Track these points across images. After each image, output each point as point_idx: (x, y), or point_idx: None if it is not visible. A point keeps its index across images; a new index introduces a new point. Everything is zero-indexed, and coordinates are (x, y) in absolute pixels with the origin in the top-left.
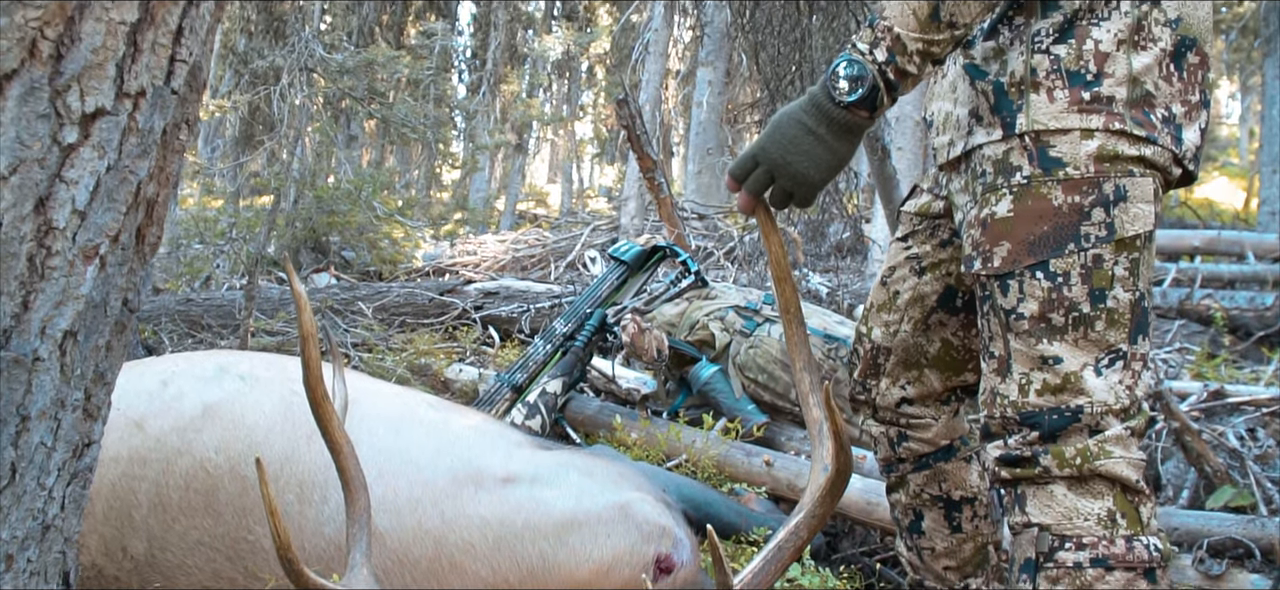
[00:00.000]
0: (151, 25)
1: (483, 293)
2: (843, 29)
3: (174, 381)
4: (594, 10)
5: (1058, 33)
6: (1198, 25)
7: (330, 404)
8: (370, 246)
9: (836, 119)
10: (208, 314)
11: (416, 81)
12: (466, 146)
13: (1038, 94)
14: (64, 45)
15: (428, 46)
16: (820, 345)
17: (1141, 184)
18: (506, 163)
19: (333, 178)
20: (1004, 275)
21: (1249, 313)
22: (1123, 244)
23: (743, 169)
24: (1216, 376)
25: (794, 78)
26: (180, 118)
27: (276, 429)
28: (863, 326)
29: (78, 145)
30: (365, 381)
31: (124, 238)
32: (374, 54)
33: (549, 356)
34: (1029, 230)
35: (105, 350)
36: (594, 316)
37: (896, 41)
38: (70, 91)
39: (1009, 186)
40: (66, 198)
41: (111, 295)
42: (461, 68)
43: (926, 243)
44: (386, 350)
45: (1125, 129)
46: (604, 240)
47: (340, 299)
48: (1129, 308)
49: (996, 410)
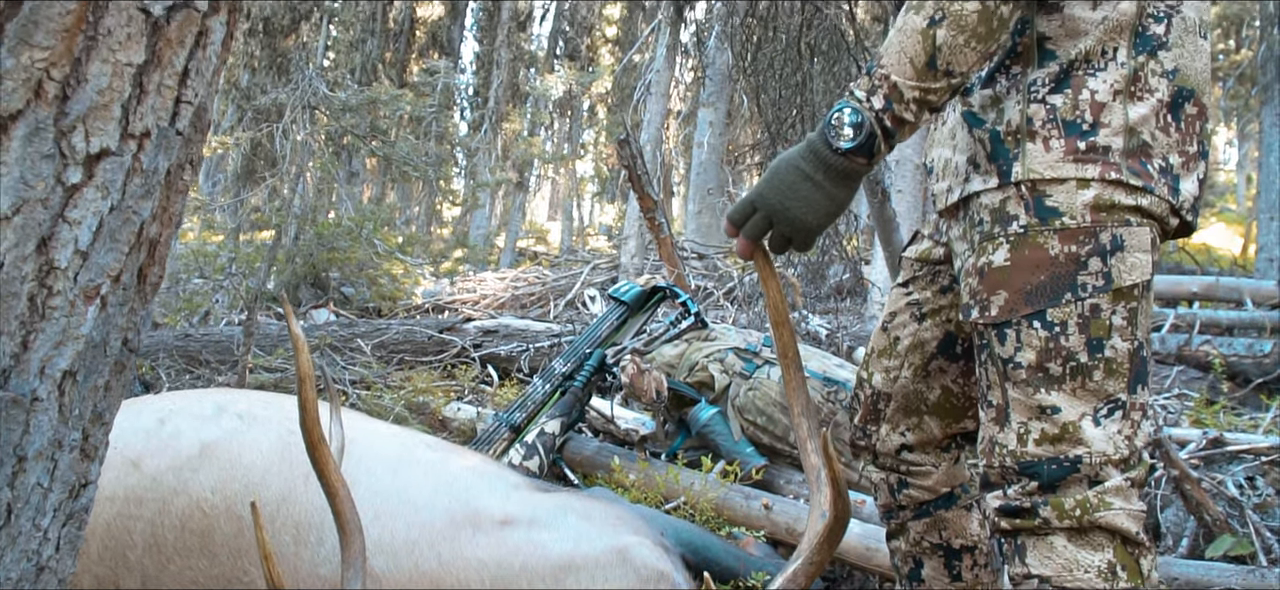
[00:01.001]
0: (158, 67)
1: (482, 331)
2: (843, 73)
3: (171, 420)
4: (596, 50)
5: (1054, 82)
6: (1196, 76)
7: (326, 446)
8: (370, 283)
9: (834, 165)
10: (206, 350)
11: (419, 119)
12: (467, 183)
13: (1034, 143)
14: (70, 86)
15: (430, 84)
16: (820, 388)
17: (1138, 233)
18: (507, 200)
19: (333, 214)
20: (1001, 324)
21: (1247, 359)
22: (1120, 293)
23: (741, 214)
24: (1215, 424)
25: (795, 121)
26: (184, 158)
27: (273, 469)
28: (864, 372)
29: (81, 186)
30: (364, 421)
31: (126, 278)
32: (377, 92)
33: (548, 396)
34: (1026, 279)
35: (104, 390)
36: (593, 357)
37: (893, 89)
38: (75, 132)
39: (1006, 235)
40: (69, 238)
41: (112, 335)
42: (464, 105)
43: (927, 289)
44: (384, 388)
45: (1122, 179)
46: (604, 279)
47: (339, 336)
48: (1127, 357)
49: (995, 459)
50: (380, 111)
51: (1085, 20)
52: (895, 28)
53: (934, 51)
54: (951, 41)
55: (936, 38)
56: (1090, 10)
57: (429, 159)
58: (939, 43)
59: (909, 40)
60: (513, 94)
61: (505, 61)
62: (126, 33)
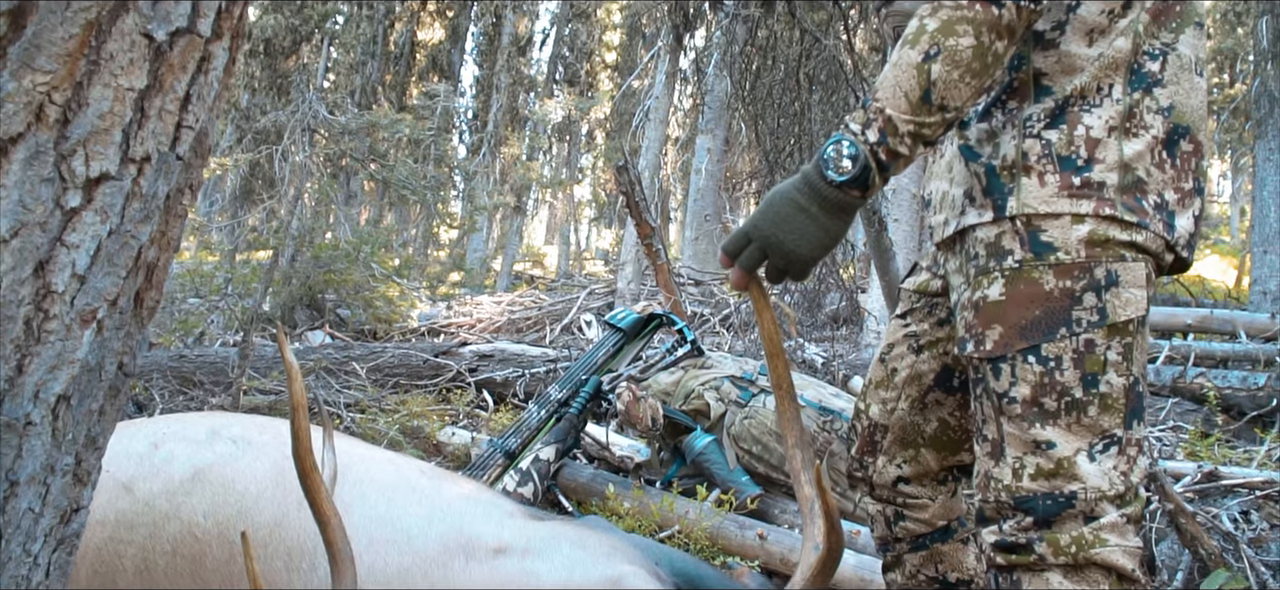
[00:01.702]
0: (160, 92)
1: (478, 355)
2: (841, 103)
3: (165, 444)
4: (595, 75)
5: (1049, 118)
6: (1191, 113)
7: (319, 475)
8: (366, 305)
9: (829, 197)
10: (200, 371)
11: (417, 142)
12: (465, 207)
13: (1029, 178)
14: (71, 110)
15: (430, 107)
16: (816, 417)
17: (1133, 269)
18: (505, 223)
19: (330, 235)
20: (996, 359)
21: (1242, 392)
22: (1115, 329)
23: (736, 245)
24: (1210, 456)
25: (793, 150)
26: (184, 183)
27: (267, 494)
28: (861, 403)
29: (81, 209)
30: (359, 447)
31: (123, 302)
32: (377, 116)
33: (543, 422)
34: (1021, 314)
35: (98, 415)
36: (589, 383)
37: (888, 123)
38: (75, 156)
39: (1001, 270)
40: (67, 262)
41: (107, 359)
42: (462, 129)
43: (924, 321)
44: (379, 412)
45: (1116, 215)
46: (600, 304)
47: (334, 359)
48: (1123, 393)
49: (991, 494)
50: (379, 134)
51: (1081, 57)
52: (890, 62)
53: (929, 86)
54: (946, 77)
55: (931, 72)
56: (1086, 47)
57: (427, 182)
58: (934, 77)
59: (904, 75)
60: (512, 118)
61: (505, 86)
62: (129, 57)
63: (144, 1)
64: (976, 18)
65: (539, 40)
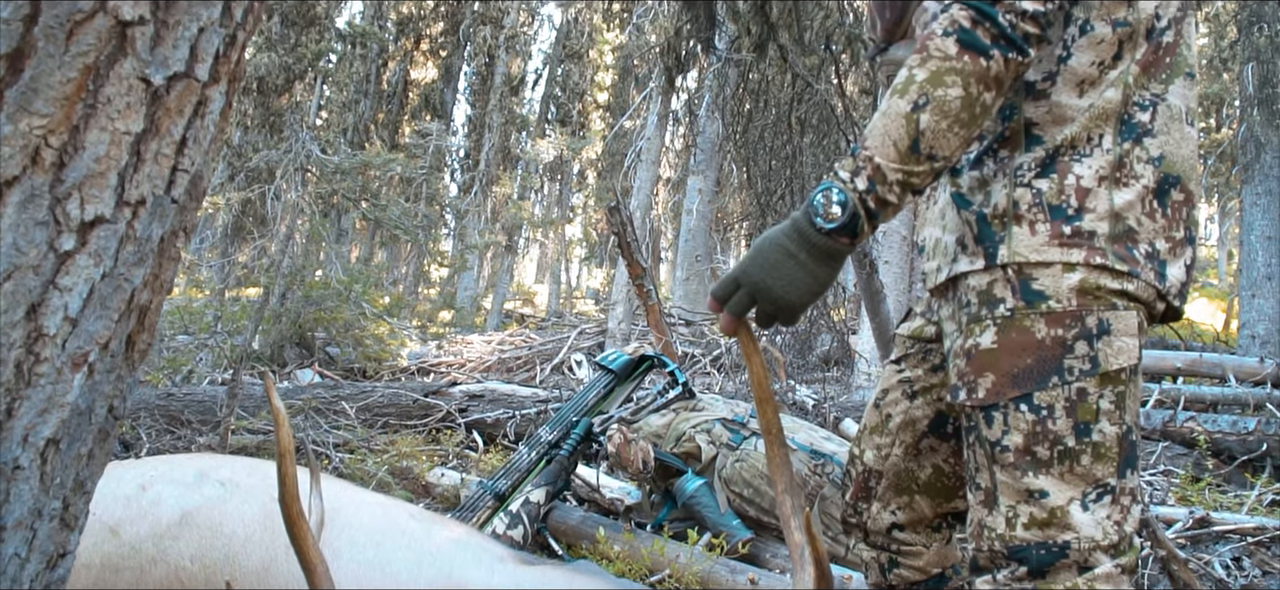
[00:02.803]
0: (156, 136)
1: (468, 395)
2: (833, 147)
3: (153, 486)
4: (587, 115)
5: (1040, 167)
6: (1182, 163)
7: (305, 521)
8: (356, 343)
9: (818, 244)
10: (188, 409)
11: (409, 180)
12: (456, 245)
13: (1020, 226)
14: (67, 154)
15: (422, 146)
16: (807, 461)
17: (1125, 317)
18: (496, 262)
19: (321, 272)
20: (989, 407)
21: (1232, 436)
22: (1107, 377)
23: (725, 290)
24: (1202, 501)
25: (785, 192)
26: (178, 225)
27: (255, 538)
28: (856, 448)
29: (74, 252)
30: (348, 490)
31: (114, 345)
32: (369, 155)
33: (533, 464)
34: (1013, 362)
35: (87, 458)
36: (580, 425)
37: (877, 171)
38: (70, 199)
39: (992, 318)
40: (59, 305)
41: (97, 403)
42: (454, 167)
43: (918, 366)
44: (368, 452)
45: (1107, 264)
46: (591, 344)
47: (323, 398)
48: (1116, 442)
49: (984, 543)
50: (371, 173)
51: (1071, 107)
52: (880, 111)
53: (917, 136)
54: (935, 127)
55: (920, 122)
56: (1076, 98)
57: (419, 221)
58: (922, 127)
59: (893, 124)
60: (504, 157)
61: (497, 125)
62: (126, 101)
63: (142, 45)
64: (965, 69)
65: (532, 80)
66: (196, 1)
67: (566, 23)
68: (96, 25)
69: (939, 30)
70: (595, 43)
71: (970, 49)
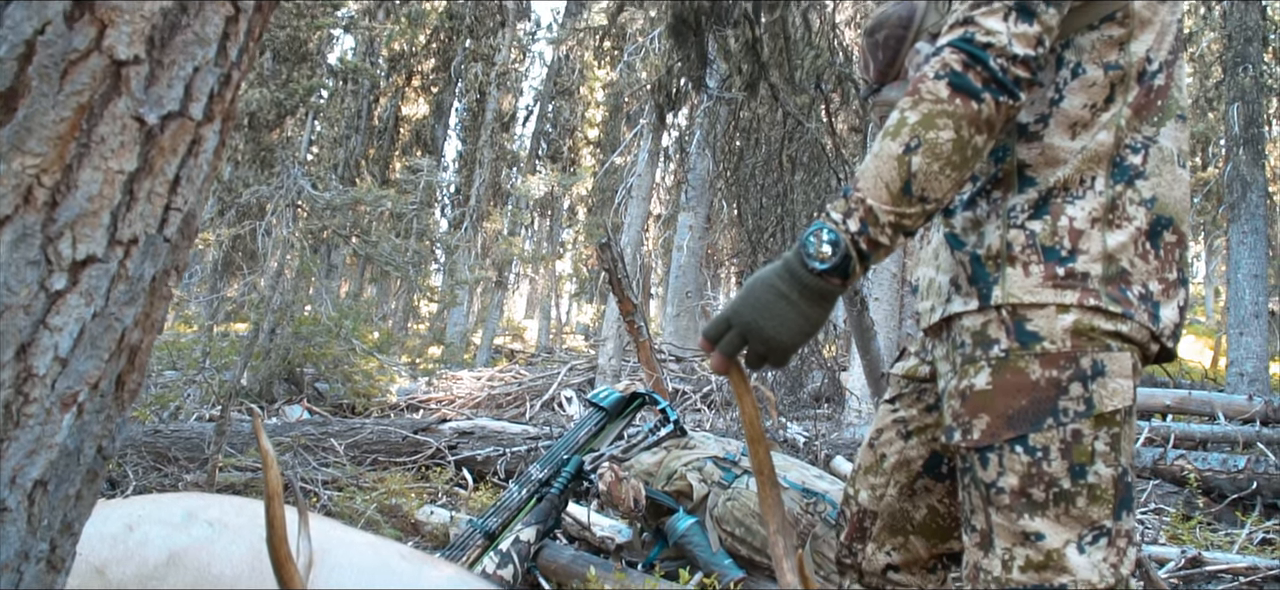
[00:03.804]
0: (149, 175)
1: (457, 432)
2: (823, 185)
3: (140, 526)
4: (578, 151)
5: (1033, 208)
6: (1174, 205)
7: (293, 565)
8: (345, 379)
9: (809, 285)
10: (175, 446)
11: (400, 216)
12: (446, 280)
13: (1014, 268)
14: (60, 193)
15: (413, 182)
16: (799, 499)
17: (1119, 359)
18: (485, 297)
19: (310, 307)
20: (984, 448)
21: (1222, 475)
22: (1102, 419)
23: (716, 330)
24: (1193, 540)
25: (776, 230)
26: (170, 264)
27: (243, 579)
28: (850, 488)
29: (65, 292)
30: (337, 529)
31: (104, 385)
32: (361, 192)
33: (524, 502)
34: (1008, 404)
35: (75, 500)
36: (571, 463)
37: (869, 213)
38: (62, 239)
39: (987, 359)
40: (49, 345)
41: (86, 443)
42: (445, 203)
43: (913, 406)
44: (357, 489)
45: (1101, 305)
46: (581, 380)
47: (312, 435)
48: (1111, 483)
49: (980, 586)
50: (362, 209)
51: (1064, 149)
52: (872, 153)
53: (909, 178)
54: (927, 169)
55: (912, 165)
56: (1069, 140)
57: (409, 257)
58: (914, 169)
59: (885, 166)
60: (494, 193)
61: (488, 161)
62: (120, 141)
63: (137, 85)
64: (957, 112)
65: (523, 117)
66: (192, 41)
67: (557, 60)
68: (91, 65)
69: (931, 73)
70: (586, 80)
71: (962, 92)
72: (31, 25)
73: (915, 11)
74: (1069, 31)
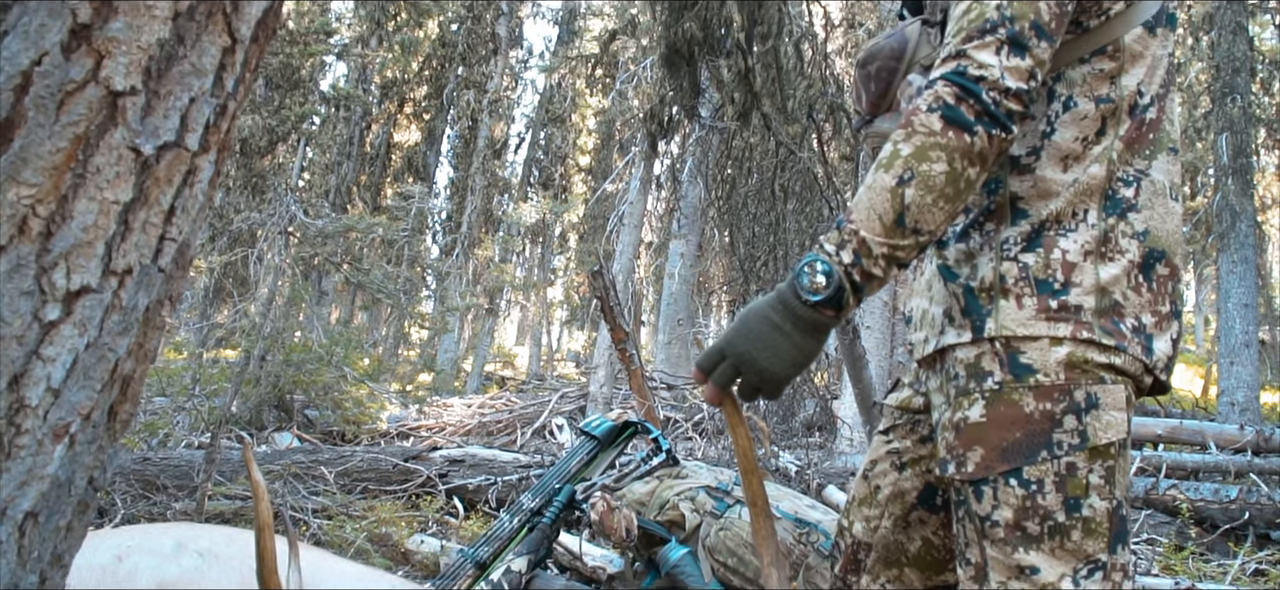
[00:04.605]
0: (144, 205)
1: (448, 460)
2: (816, 214)
3: (129, 556)
4: (569, 179)
5: (1026, 241)
6: (1167, 238)
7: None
8: (335, 406)
9: (803, 317)
10: (164, 474)
11: (391, 242)
12: (437, 307)
13: (1007, 300)
14: (55, 223)
15: (404, 208)
16: (792, 529)
17: (1113, 391)
18: (476, 324)
19: (301, 334)
20: (978, 481)
21: (1214, 505)
22: (1096, 452)
23: (709, 362)
24: (1186, 571)
25: (768, 259)
26: (164, 295)
27: None
28: (845, 520)
29: (59, 322)
30: (328, 561)
31: (96, 416)
32: (353, 219)
33: (515, 532)
34: (1002, 436)
35: (65, 532)
36: (563, 492)
37: (862, 244)
38: (57, 269)
39: (981, 391)
40: (42, 375)
41: (77, 475)
42: (436, 229)
43: (907, 437)
44: (347, 518)
45: (1094, 338)
46: (572, 408)
47: (302, 463)
48: (1106, 516)
49: None
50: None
51: (1056, 182)
52: (865, 185)
53: (903, 210)
54: (920, 201)
55: (905, 197)
56: (1061, 173)
57: (400, 284)
58: (907, 202)
59: (878, 198)
60: (486, 220)
61: (480, 188)
62: (115, 171)
63: (133, 115)
64: (949, 145)
65: (514, 144)
66: (189, 72)
67: (550, 87)
68: (88, 95)
69: (924, 106)
70: (578, 107)
71: (955, 125)
72: (28, 56)
73: (907, 43)
74: (1060, 65)
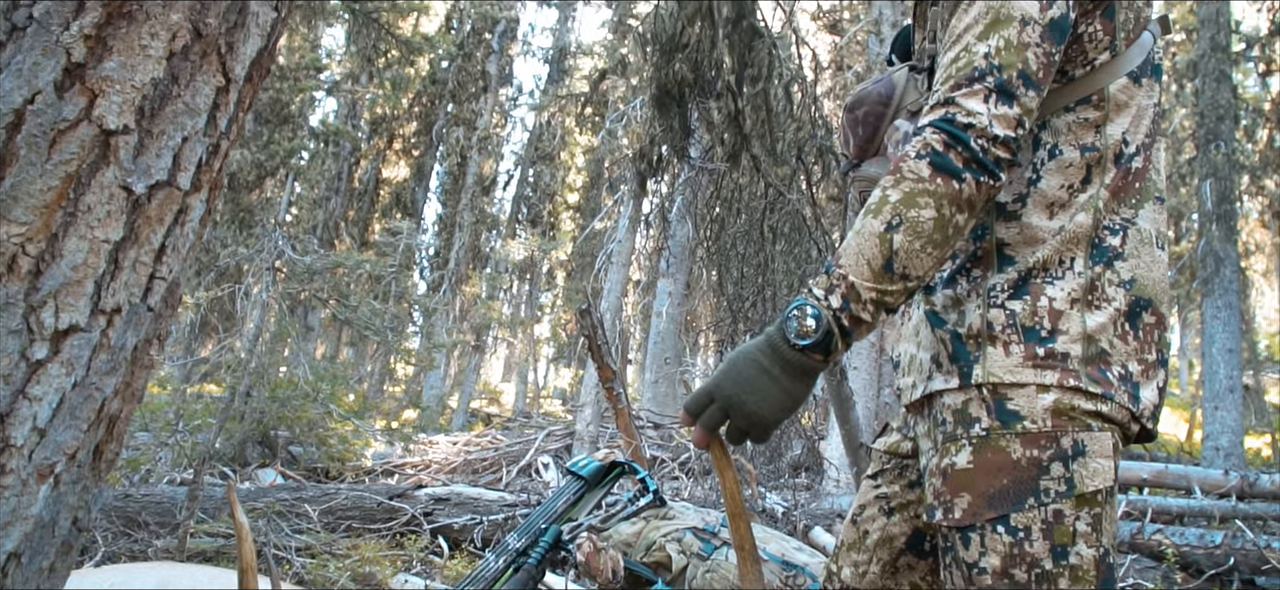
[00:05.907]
0: (135, 243)
1: (433, 498)
2: (804, 255)
3: None
4: (558, 216)
5: (1013, 288)
6: (1153, 286)
7: None
8: (319, 442)
9: (791, 361)
10: (146, 511)
11: (378, 278)
12: (424, 343)
13: (994, 347)
14: (44, 262)
15: (392, 244)
16: (779, 572)
17: (1100, 439)
18: (463, 360)
19: (286, 369)
20: (965, 528)
21: (1199, 550)
22: (1083, 499)
23: (698, 405)
24: None
25: (756, 300)
26: (153, 333)
27: None
28: (833, 564)
29: (46, 362)
30: None
31: (82, 455)
32: (340, 256)
33: (500, 573)
34: (989, 483)
35: (49, 572)
36: (549, 532)
37: (851, 289)
38: (45, 308)
39: (968, 437)
40: (28, 414)
41: (62, 515)
42: (424, 265)
43: (895, 482)
44: (330, 557)
45: (1081, 385)
46: (558, 446)
47: (286, 501)
48: (1093, 564)
49: None
50: (341, 271)
51: (1042, 229)
52: (853, 230)
53: (891, 255)
54: (908, 247)
55: (893, 242)
56: (1047, 220)
57: (387, 321)
58: (896, 247)
59: (867, 243)
60: (474, 256)
61: (468, 224)
62: (107, 210)
63: (125, 154)
64: (938, 191)
65: (503, 181)
66: (182, 112)
67: (539, 125)
68: (80, 134)
69: (912, 152)
70: (567, 145)
71: (943, 172)
72: (21, 95)
73: (894, 89)
74: (1046, 113)
